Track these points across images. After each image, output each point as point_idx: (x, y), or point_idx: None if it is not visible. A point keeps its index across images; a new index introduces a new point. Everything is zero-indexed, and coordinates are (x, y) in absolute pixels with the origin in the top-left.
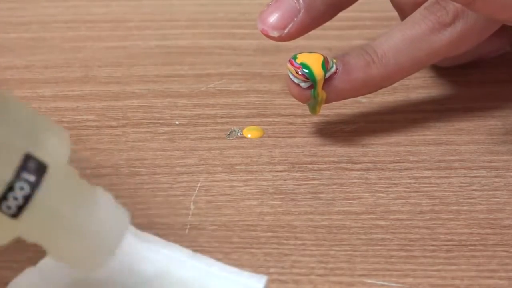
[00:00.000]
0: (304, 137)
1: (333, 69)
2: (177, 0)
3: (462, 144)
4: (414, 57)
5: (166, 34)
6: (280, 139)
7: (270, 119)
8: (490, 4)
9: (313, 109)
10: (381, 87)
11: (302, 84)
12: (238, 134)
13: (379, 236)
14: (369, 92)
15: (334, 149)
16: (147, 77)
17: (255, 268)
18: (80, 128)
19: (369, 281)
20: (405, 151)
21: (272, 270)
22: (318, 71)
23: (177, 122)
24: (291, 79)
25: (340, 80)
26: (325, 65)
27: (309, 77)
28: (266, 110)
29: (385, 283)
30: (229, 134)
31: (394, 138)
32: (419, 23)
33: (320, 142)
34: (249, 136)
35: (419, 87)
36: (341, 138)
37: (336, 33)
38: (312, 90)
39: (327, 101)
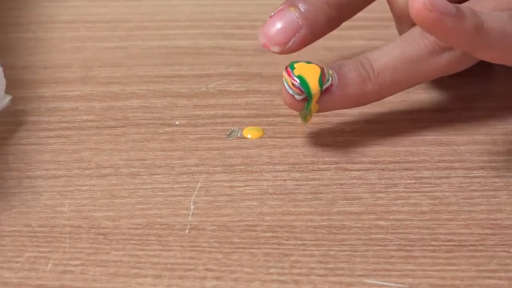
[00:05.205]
0: (304, 137)
1: (329, 83)
2: (177, 0)
3: (462, 144)
4: (410, 77)
5: (166, 35)
6: (280, 139)
7: (270, 119)
8: (490, 52)
9: (304, 118)
10: (371, 102)
11: (297, 96)
12: (238, 134)
13: (379, 236)
14: (359, 106)
15: (334, 149)
16: (147, 78)
17: (255, 268)
18: (80, 128)
19: (369, 281)
20: (405, 151)
21: (272, 270)
22: (314, 87)
23: (177, 122)
24: (286, 88)
25: (335, 95)
26: (322, 79)
27: (305, 92)
28: (266, 110)
29: (385, 283)
30: (229, 134)
31: (394, 138)
32: (418, 42)
33: (320, 142)
34: (249, 136)
35: (419, 87)
36: (341, 138)
37: (336, 33)
38: (306, 102)
39: (318, 111)
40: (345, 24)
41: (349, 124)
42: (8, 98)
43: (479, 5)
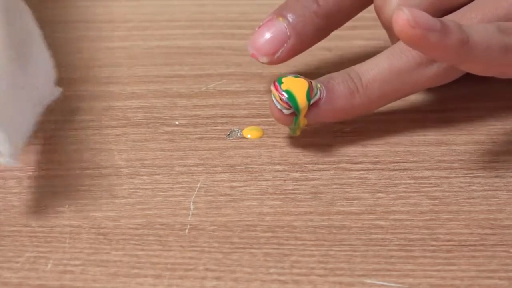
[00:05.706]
0: (304, 137)
1: (317, 96)
2: (177, 0)
3: (462, 144)
4: (399, 89)
5: (166, 35)
6: (280, 139)
7: (270, 119)
8: (475, 65)
9: (293, 131)
10: (360, 115)
11: (285, 111)
12: (238, 134)
13: (379, 236)
14: (348, 118)
15: (334, 149)
16: (147, 77)
17: (255, 268)
18: (80, 128)
19: (369, 281)
20: (405, 151)
21: (272, 270)
22: (302, 101)
23: (177, 123)
24: (274, 103)
25: (323, 109)
26: (309, 93)
27: (293, 106)
28: (266, 110)
29: (385, 283)
30: (229, 134)
31: (394, 138)
32: (406, 54)
33: (320, 142)
34: (249, 136)
35: None
36: (341, 138)
37: (336, 33)
38: (295, 117)
39: (307, 125)
40: (345, 24)
41: (349, 124)
42: (59, 90)
43: (467, 15)
